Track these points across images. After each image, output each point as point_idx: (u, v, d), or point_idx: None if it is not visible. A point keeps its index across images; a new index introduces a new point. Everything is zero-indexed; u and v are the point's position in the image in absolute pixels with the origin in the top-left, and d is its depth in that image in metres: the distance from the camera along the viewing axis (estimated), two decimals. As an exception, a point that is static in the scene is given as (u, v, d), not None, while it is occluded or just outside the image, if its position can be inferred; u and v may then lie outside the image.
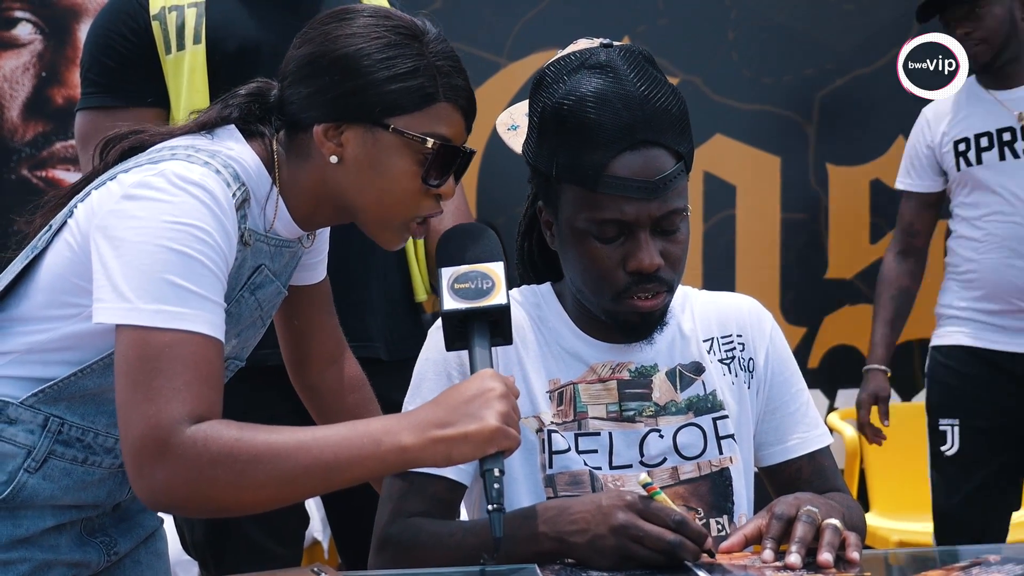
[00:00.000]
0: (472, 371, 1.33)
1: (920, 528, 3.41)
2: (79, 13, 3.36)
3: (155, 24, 2.03)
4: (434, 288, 2.21)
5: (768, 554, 1.29)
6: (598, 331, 1.54)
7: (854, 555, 1.29)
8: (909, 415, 3.74)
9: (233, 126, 1.44)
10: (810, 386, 3.67)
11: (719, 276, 3.70)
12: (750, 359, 1.59)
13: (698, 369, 1.55)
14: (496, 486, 1.26)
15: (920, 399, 3.80)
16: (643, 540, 1.27)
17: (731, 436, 1.53)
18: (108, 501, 1.48)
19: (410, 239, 2.19)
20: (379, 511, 1.49)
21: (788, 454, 1.59)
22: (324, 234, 1.66)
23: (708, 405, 1.54)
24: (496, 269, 1.37)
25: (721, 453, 1.52)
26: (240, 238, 1.38)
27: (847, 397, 3.76)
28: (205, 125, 1.45)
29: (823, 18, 3.76)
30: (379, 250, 2.20)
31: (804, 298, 3.77)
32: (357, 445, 1.26)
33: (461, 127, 1.43)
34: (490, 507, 1.26)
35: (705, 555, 1.30)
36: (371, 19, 1.42)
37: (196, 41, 2.02)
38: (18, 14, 3.35)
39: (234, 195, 1.36)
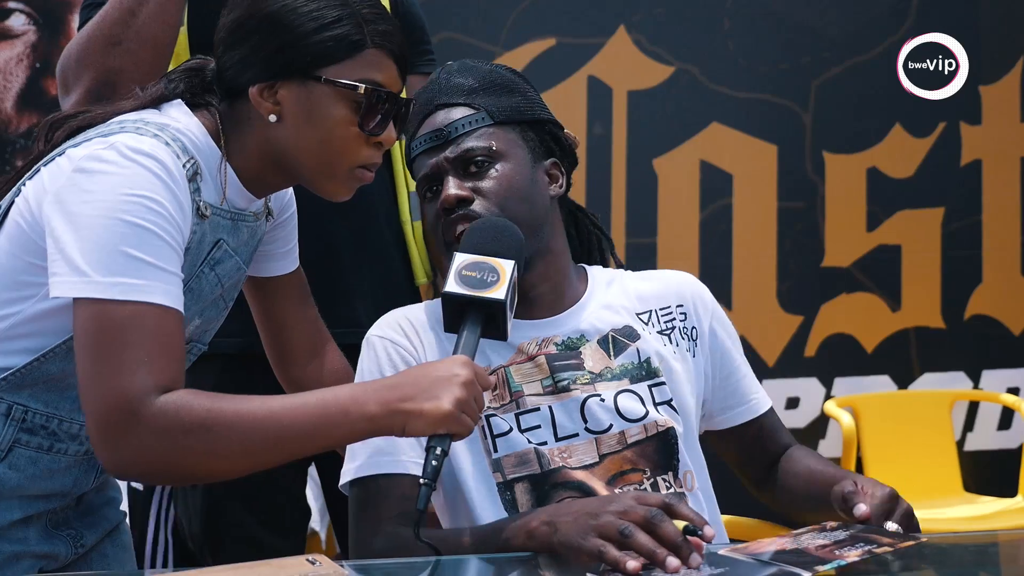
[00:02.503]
0: (454, 353, 1.36)
1: (917, 514, 3.41)
2: (72, 4, 3.35)
3: None
4: (436, 271, 2.22)
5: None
6: (518, 309, 1.56)
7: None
8: (905, 403, 3.75)
9: (179, 100, 1.45)
10: (806, 374, 3.73)
11: (715, 264, 3.70)
12: (692, 327, 1.65)
13: (632, 335, 1.59)
14: (434, 463, 1.30)
15: (916, 387, 3.81)
16: (625, 514, 1.24)
17: (668, 402, 1.56)
18: (74, 490, 1.48)
19: (410, 226, 2.21)
20: (353, 524, 1.49)
21: (752, 413, 1.68)
22: (292, 223, 1.66)
23: (643, 372, 1.57)
24: (506, 266, 1.41)
25: (662, 416, 1.55)
26: (196, 210, 1.37)
27: (843, 385, 3.76)
28: (152, 101, 1.45)
29: (819, 6, 3.75)
30: (371, 235, 2.20)
31: (801, 286, 3.78)
32: (326, 414, 1.27)
33: (394, 73, 1.44)
34: (422, 480, 1.30)
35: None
36: None
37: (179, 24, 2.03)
38: (12, 5, 3.34)
39: (184, 166, 1.36)
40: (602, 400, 1.53)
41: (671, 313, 1.64)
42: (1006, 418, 3.84)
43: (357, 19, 1.40)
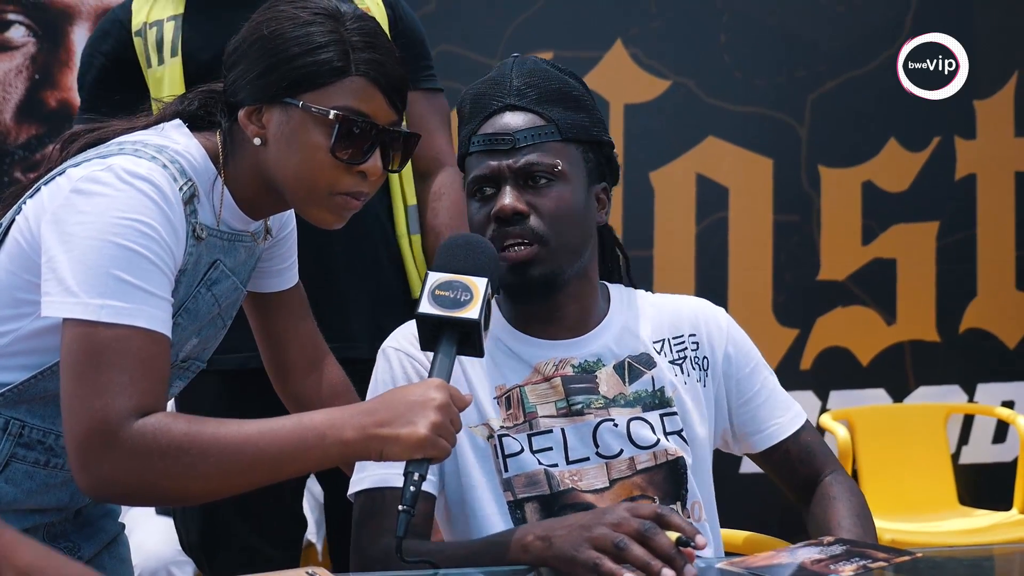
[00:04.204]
0: (429, 375, 1.36)
1: (913, 528, 3.42)
2: (72, 16, 3.36)
3: (137, 40, 2.08)
4: None
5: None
6: (536, 328, 1.58)
7: None
8: (900, 416, 3.76)
9: (180, 120, 1.46)
10: (802, 387, 3.73)
11: (711, 278, 3.71)
12: (704, 358, 1.63)
13: (648, 362, 1.58)
14: (412, 489, 1.29)
15: (911, 400, 3.82)
16: (619, 526, 1.25)
17: (678, 432, 1.56)
18: (71, 504, 1.48)
19: (407, 240, 2.22)
20: (355, 532, 1.49)
21: (771, 440, 1.64)
22: (291, 239, 1.67)
23: (656, 401, 1.56)
24: (479, 284, 1.39)
25: (671, 445, 1.55)
26: (192, 232, 1.38)
27: (839, 398, 3.77)
28: (160, 120, 1.46)
29: (815, 20, 3.77)
30: (366, 248, 2.21)
31: (796, 300, 3.79)
32: (302, 438, 1.28)
33: (381, 103, 1.41)
34: (400, 507, 1.29)
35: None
36: (292, 3, 1.43)
37: (173, 54, 2.05)
38: (11, 17, 3.35)
39: (181, 189, 1.36)
40: (615, 425, 1.53)
41: (683, 342, 1.63)
42: (1001, 431, 3.85)
43: (344, 46, 1.39)
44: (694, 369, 1.61)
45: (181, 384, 1.56)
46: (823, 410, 3.74)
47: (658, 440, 1.54)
